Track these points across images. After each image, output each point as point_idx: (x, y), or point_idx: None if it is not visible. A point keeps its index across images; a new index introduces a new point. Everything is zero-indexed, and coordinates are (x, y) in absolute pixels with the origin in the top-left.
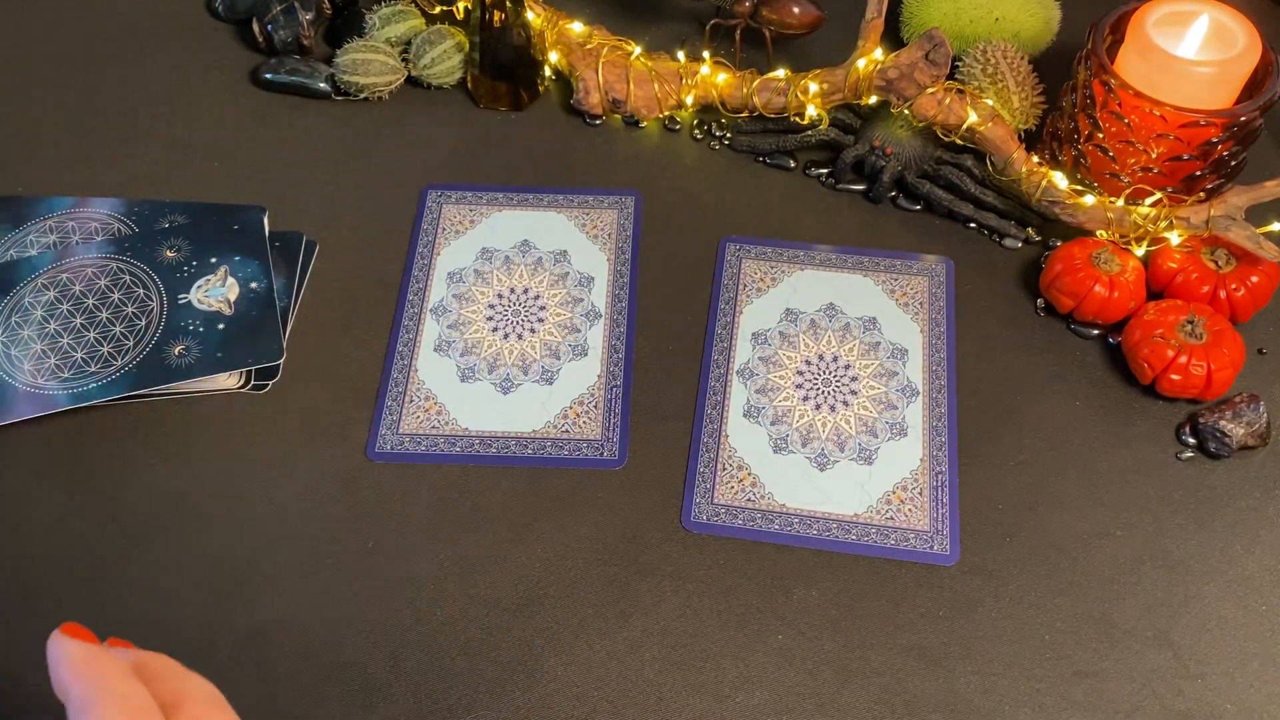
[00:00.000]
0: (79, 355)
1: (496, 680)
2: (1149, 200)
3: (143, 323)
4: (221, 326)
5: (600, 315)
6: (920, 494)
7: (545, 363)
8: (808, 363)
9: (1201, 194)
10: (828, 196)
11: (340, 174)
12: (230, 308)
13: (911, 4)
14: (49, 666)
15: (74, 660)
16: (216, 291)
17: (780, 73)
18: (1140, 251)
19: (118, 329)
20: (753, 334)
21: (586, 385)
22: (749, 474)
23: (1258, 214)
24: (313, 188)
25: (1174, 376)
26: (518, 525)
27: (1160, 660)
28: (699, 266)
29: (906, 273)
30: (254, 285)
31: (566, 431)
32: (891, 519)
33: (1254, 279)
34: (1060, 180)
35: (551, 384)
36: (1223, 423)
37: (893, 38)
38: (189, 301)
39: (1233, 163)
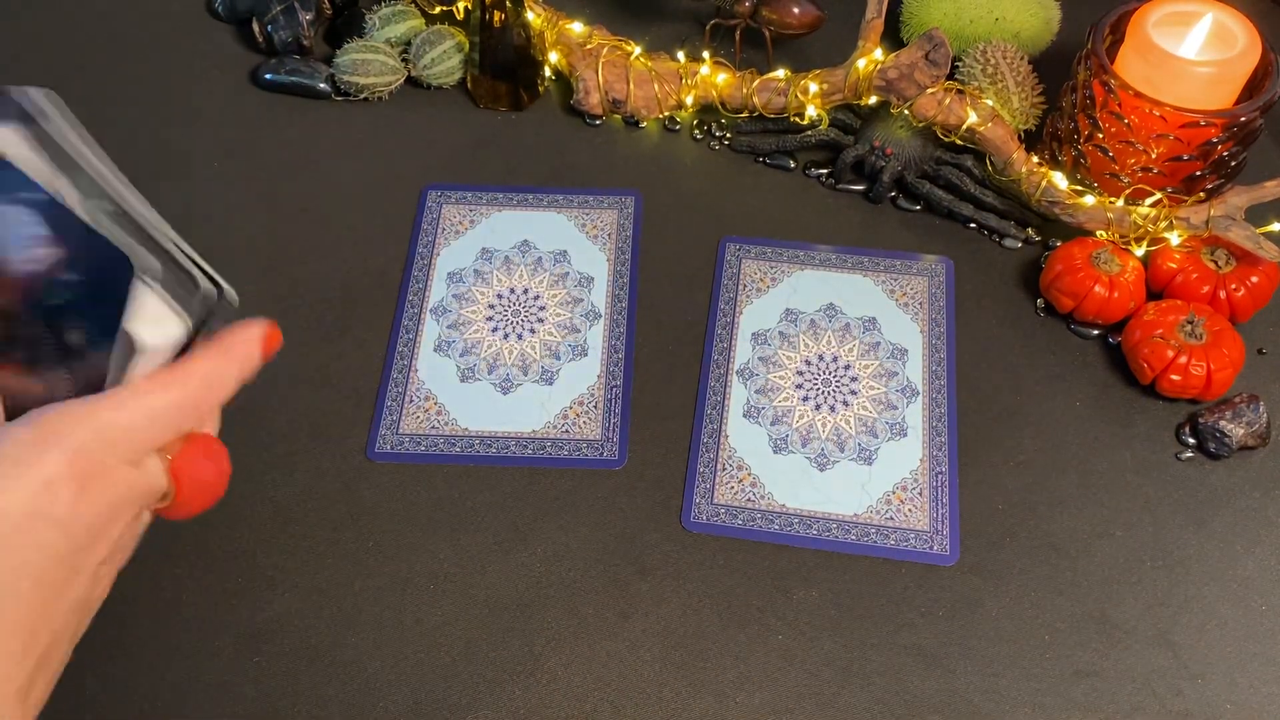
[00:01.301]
0: None
1: (496, 680)
2: (1149, 200)
3: None
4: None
5: (600, 315)
6: (920, 494)
7: (545, 363)
8: (808, 363)
9: (1201, 194)
10: (828, 196)
11: (340, 174)
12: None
13: (911, 4)
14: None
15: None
16: None
17: (780, 73)
18: (1140, 252)
19: None
20: (753, 334)
21: (586, 385)
22: (749, 474)
23: (1258, 214)
24: (312, 188)
25: (1174, 376)
26: (518, 525)
27: (1160, 660)
28: (699, 266)
29: (906, 273)
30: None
31: (566, 432)
32: (891, 519)
33: (1254, 279)
34: (1060, 180)
35: (551, 384)
36: (1223, 423)
37: (893, 38)
38: None
39: (1233, 163)
